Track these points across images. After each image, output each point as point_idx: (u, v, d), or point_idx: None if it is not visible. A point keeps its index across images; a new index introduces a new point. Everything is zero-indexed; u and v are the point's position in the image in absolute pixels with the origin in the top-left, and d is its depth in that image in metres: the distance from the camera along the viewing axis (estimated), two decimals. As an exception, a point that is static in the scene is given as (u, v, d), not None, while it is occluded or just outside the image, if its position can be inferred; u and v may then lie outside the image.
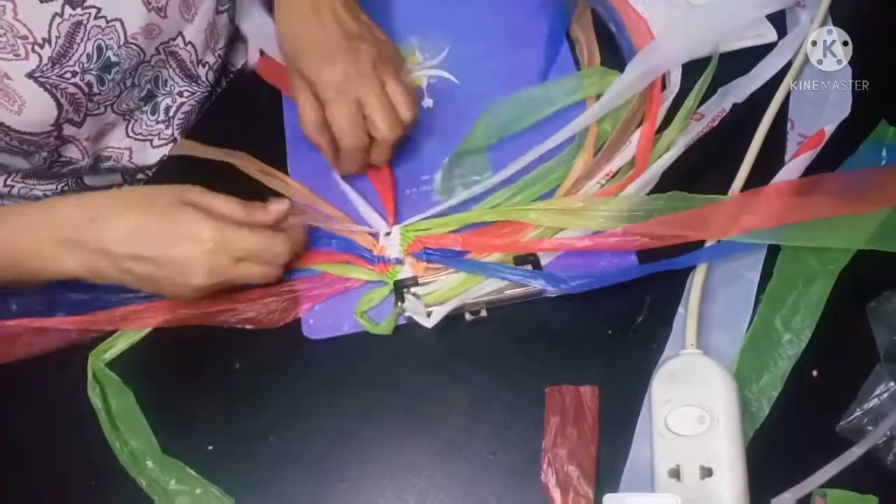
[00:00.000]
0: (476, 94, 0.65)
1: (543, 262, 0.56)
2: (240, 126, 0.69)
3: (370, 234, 0.59)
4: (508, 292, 0.55)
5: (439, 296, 0.56)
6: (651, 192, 0.58)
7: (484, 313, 0.55)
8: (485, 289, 0.55)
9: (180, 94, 0.70)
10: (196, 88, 0.71)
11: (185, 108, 0.71)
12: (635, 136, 0.59)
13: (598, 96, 0.62)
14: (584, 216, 0.55)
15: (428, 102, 0.66)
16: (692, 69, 0.61)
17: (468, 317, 0.56)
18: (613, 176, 0.59)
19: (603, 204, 0.55)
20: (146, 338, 0.58)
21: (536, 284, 0.54)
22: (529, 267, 0.56)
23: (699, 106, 0.60)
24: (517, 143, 0.62)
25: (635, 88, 0.60)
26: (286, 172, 0.64)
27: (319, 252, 0.60)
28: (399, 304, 0.55)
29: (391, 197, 0.60)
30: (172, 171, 0.68)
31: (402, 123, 0.58)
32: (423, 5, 0.71)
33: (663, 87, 0.62)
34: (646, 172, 0.57)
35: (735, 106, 0.60)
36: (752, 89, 0.60)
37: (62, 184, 0.71)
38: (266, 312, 0.57)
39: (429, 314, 0.54)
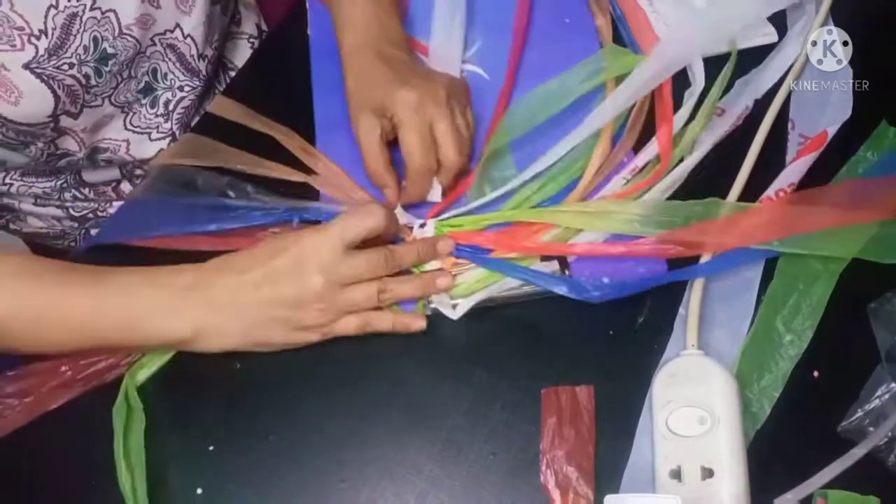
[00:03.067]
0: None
1: (569, 259, 0.56)
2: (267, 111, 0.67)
3: (406, 225, 0.59)
4: (531, 289, 0.55)
5: (464, 289, 0.56)
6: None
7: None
8: (509, 283, 0.55)
9: (181, 88, 0.70)
10: (197, 83, 0.71)
11: (185, 102, 0.71)
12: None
13: (618, 80, 0.62)
14: (615, 219, 0.55)
15: None
16: (708, 66, 0.61)
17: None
18: (640, 171, 0.59)
19: (634, 207, 0.55)
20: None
21: (559, 291, 0.54)
22: (556, 264, 0.55)
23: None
24: (539, 138, 0.62)
25: (655, 81, 0.60)
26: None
27: None
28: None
29: (454, 196, 0.60)
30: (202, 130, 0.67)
31: (467, 153, 0.58)
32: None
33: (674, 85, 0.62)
34: (672, 173, 0.57)
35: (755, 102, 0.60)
36: (769, 84, 0.61)
37: (60, 181, 0.71)
38: None
39: (454, 307, 0.55)
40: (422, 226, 0.58)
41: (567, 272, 0.55)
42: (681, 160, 0.59)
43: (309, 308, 0.52)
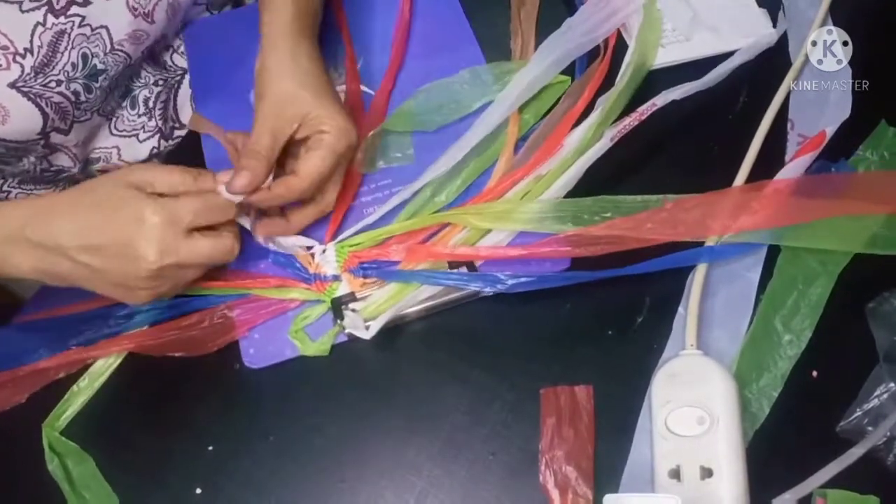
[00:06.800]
0: (391, 103, 0.66)
1: (477, 263, 0.56)
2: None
3: (308, 251, 0.58)
4: (444, 298, 0.55)
5: (375, 308, 0.55)
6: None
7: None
8: (420, 295, 0.55)
9: (155, 83, 0.69)
10: (167, 74, 0.70)
11: (163, 96, 0.70)
12: (569, 140, 0.59)
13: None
14: (513, 219, 0.55)
15: None
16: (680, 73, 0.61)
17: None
18: (543, 178, 0.59)
19: (529, 206, 0.56)
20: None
21: (473, 286, 0.54)
22: (464, 269, 0.56)
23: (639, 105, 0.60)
24: (439, 130, 0.63)
25: (545, 77, 0.61)
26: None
27: (254, 275, 0.58)
28: (339, 321, 0.55)
29: (341, 215, 0.60)
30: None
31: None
32: (329, 24, 0.70)
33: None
34: (571, 168, 0.57)
35: (674, 102, 0.59)
36: (694, 90, 0.60)
37: (59, 188, 0.71)
38: (196, 339, 0.56)
39: (367, 328, 0.53)
40: (323, 251, 0.58)
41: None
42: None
43: (137, 288, 0.51)
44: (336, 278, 0.57)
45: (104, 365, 0.57)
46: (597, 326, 0.55)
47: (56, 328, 0.58)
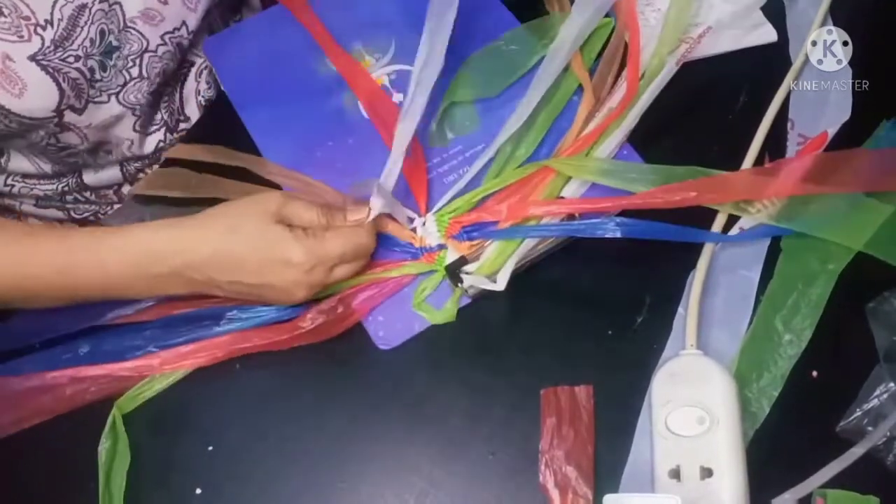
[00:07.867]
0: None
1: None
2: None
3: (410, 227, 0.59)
4: (550, 246, 0.56)
5: (490, 265, 0.55)
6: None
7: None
8: (531, 242, 0.56)
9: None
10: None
11: (167, 88, 0.70)
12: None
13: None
14: (611, 176, 0.56)
15: (398, 97, 0.65)
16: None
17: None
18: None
19: (624, 168, 0.57)
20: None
21: (581, 235, 0.54)
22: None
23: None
24: (502, 102, 0.63)
25: (592, 24, 0.62)
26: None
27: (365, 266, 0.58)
28: (459, 285, 0.55)
29: (424, 187, 0.60)
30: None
31: None
32: (354, 11, 0.70)
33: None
34: (643, 97, 0.60)
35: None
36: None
37: (62, 184, 0.71)
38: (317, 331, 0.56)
39: (494, 281, 0.54)
40: (423, 223, 0.58)
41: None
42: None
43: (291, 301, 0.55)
44: (441, 247, 0.58)
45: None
46: (597, 326, 0.55)
47: (165, 326, 0.58)
